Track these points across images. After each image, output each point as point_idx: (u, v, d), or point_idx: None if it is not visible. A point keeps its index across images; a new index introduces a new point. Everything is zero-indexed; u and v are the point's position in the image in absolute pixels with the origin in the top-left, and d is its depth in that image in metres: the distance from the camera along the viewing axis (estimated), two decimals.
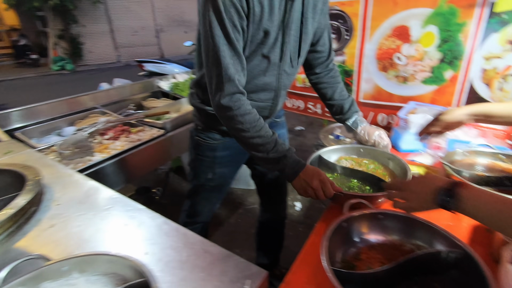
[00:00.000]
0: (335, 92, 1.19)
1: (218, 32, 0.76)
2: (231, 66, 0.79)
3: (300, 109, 2.63)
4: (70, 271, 0.53)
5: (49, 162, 1.17)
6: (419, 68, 1.83)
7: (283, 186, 1.47)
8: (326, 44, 1.12)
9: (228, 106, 0.83)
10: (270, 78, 0.97)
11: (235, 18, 0.76)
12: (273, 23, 0.83)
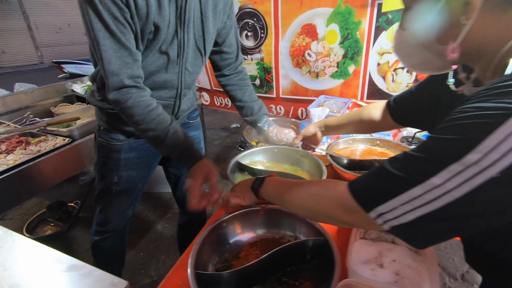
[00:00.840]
0: (244, 94, 1.19)
1: (97, 26, 0.73)
2: (115, 60, 0.77)
3: (227, 107, 2.65)
4: None
5: None
6: (327, 63, 1.96)
7: None
8: (234, 46, 1.12)
9: (116, 100, 0.82)
10: (170, 75, 0.95)
11: (114, 10, 0.73)
12: (163, 18, 0.81)
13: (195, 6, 0.88)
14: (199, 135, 1.33)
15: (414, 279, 0.62)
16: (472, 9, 0.40)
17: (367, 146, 1.13)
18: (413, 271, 0.64)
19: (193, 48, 0.94)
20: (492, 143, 0.33)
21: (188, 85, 1.04)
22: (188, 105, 1.12)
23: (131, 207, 1.25)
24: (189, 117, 1.23)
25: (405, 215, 0.40)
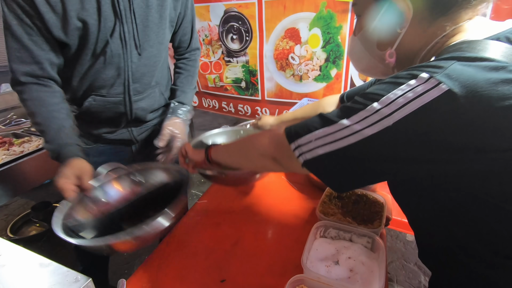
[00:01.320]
0: (178, 79, 1.16)
1: (4, 27, 0.79)
2: (14, 59, 0.82)
3: (216, 108, 2.67)
4: None
5: None
6: (310, 67, 2.01)
7: None
8: (187, 35, 1.10)
9: (17, 93, 0.86)
10: (113, 70, 0.93)
11: (19, 12, 0.77)
12: (89, 12, 0.81)
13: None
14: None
15: (365, 274, 0.66)
16: (406, 21, 0.48)
17: None
18: (366, 267, 0.68)
19: (138, 39, 0.91)
20: (392, 97, 0.40)
21: (139, 79, 0.98)
22: (149, 104, 1.05)
23: None
24: (160, 123, 1.12)
25: (317, 149, 0.46)
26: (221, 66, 2.38)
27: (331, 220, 0.75)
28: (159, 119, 1.14)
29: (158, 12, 0.92)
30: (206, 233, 0.86)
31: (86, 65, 0.90)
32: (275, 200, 1.00)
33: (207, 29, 2.30)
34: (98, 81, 0.93)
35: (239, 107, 2.49)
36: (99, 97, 0.95)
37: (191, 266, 0.74)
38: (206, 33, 2.33)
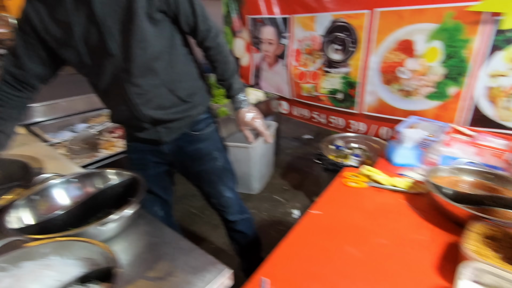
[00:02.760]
0: (215, 74, 1.12)
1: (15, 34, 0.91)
2: (5, 61, 0.93)
3: (305, 117, 2.66)
4: (49, 254, 0.59)
5: (56, 155, 1.26)
6: (423, 83, 1.82)
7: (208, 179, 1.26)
8: (190, 17, 0.96)
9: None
10: (110, 79, 0.94)
11: (23, 25, 0.88)
12: (68, 15, 0.84)
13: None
14: (208, 146, 1.19)
15: None
16: None
17: (476, 179, 1.01)
18: None
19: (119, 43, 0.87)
20: None
21: (134, 84, 0.94)
22: (158, 104, 1.01)
23: (157, 203, 1.26)
24: (192, 128, 1.14)
25: None
26: (319, 76, 2.36)
27: (489, 264, 0.64)
28: (184, 122, 1.10)
29: (125, 6, 0.84)
30: (320, 247, 0.83)
31: (85, 74, 0.98)
32: (397, 224, 0.91)
33: (310, 38, 2.31)
34: (102, 91, 1.00)
35: (331, 118, 2.42)
36: (115, 108, 1.03)
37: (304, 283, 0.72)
38: (308, 43, 2.34)
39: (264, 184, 2.58)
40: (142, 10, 0.84)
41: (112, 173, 0.90)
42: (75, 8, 0.82)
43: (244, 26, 2.83)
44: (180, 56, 1.01)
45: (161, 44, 0.93)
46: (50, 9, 0.84)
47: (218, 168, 1.22)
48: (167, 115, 1.04)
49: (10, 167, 1.06)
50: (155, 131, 1.07)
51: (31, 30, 0.87)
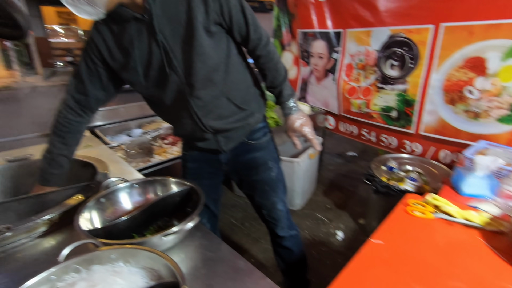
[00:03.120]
0: (265, 82, 1.13)
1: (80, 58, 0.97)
2: (69, 85, 0.99)
3: (353, 134, 2.55)
4: (117, 259, 0.61)
5: (117, 158, 1.34)
6: (495, 104, 1.64)
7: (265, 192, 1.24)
8: (243, 27, 0.98)
9: (60, 108, 1.01)
10: (173, 93, 0.97)
11: (89, 52, 0.93)
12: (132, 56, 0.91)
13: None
14: (264, 155, 1.19)
15: None
16: None
17: None
18: None
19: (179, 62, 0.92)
20: None
21: (197, 95, 0.96)
22: (218, 114, 1.03)
23: (206, 216, 1.27)
24: (249, 137, 1.16)
25: None
26: (371, 92, 2.25)
27: None
28: (243, 130, 1.11)
29: (185, 24, 0.87)
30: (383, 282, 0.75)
31: (151, 95, 1.02)
32: (474, 265, 0.80)
33: (364, 53, 2.23)
34: (167, 107, 1.01)
35: (382, 137, 2.29)
36: (178, 123, 1.06)
37: None
38: (361, 58, 2.26)
39: (306, 201, 2.50)
40: (201, 25, 0.87)
41: (173, 181, 0.92)
42: (138, 33, 0.87)
43: (294, 40, 2.83)
44: (235, 65, 1.03)
45: (219, 55, 0.96)
46: (114, 35, 0.89)
47: (272, 179, 1.21)
48: (227, 124, 1.06)
49: (80, 168, 1.14)
50: (215, 140, 1.09)
51: (97, 55, 0.93)
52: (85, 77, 0.96)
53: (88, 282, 0.54)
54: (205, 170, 1.20)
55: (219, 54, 0.96)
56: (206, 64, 0.93)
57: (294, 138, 1.15)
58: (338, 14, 2.35)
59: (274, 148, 1.24)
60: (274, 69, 1.07)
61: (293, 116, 1.11)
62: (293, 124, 1.11)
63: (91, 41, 0.92)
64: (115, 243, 0.63)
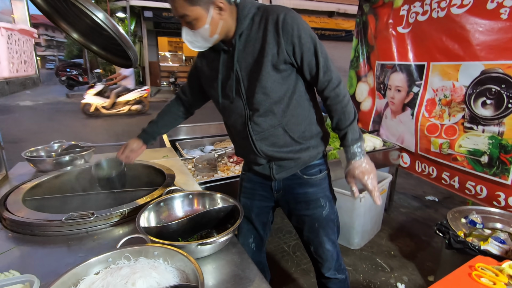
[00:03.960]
0: (332, 123, 1.12)
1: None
2: (182, 86, 1.32)
3: (431, 176, 2.27)
4: (158, 256, 0.71)
5: (185, 170, 1.53)
6: None
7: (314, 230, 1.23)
8: (314, 69, 1.03)
9: (175, 96, 1.36)
10: (237, 116, 1.10)
11: (193, 69, 1.23)
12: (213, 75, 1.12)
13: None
14: (317, 192, 1.18)
15: None
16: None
17: None
18: None
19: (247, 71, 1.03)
20: None
21: (255, 121, 1.06)
22: (272, 141, 1.08)
23: (251, 236, 1.31)
24: (304, 172, 1.16)
25: None
26: (456, 131, 1.99)
27: None
28: (296, 163, 1.14)
29: (257, 60, 1.00)
30: None
31: (221, 112, 1.16)
32: None
33: (450, 89, 2.01)
34: (230, 126, 1.15)
35: (468, 184, 1.97)
36: (238, 142, 1.17)
37: None
38: (446, 93, 2.04)
39: (366, 241, 2.30)
40: (270, 63, 0.98)
41: (219, 197, 1.01)
42: (224, 61, 1.06)
43: (371, 71, 2.75)
44: (300, 101, 1.08)
45: (283, 90, 1.03)
46: (209, 61, 1.11)
47: (322, 217, 1.19)
48: (279, 153, 1.10)
49: (153, 173, 1.36)
50: (268, 167, 1.15)
51: (194, 72, 1.21)
52: (189, 85, 1.28)
53: (131, 269, 0.65)
54: (258, 192, 1.25)
55: (284, 89, 1.03)
56: (269, 96, 1.02)
57: (353, 185, 1.10)
58: (422, 47, 2.20)
59: (328, 187, 1.22)
60: (341, 112, 1.07)
61: (356, 162, 1.07)
62: (355, 171, 1.07)
63: (196, 60, 1.19)
64: (161, 242, 0.74)
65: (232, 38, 1.01)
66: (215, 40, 1.00)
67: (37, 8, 1.26)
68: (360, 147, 1.08)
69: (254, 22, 1.00)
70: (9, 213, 0.93)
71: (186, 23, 0.95)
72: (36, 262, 0.79)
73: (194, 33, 0.97)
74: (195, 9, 0.91)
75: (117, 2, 10.76)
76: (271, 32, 0.97)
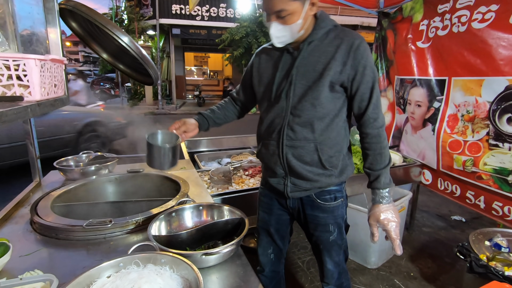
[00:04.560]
0: (366, 160, 1.12)
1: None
2: (237, 86, 1.37)
3: (455, 195, 2.17)
4: (165, 264, 0.76)
5: (200, 182, 1.59)
6: None
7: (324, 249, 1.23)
8: (365, 102, 1.06)
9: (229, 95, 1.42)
10: (276, 118, 1.11)
11: (248, 69, 1.26)
12: (267, 79, 1.17)
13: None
14: (327, 218, 1.17)
15: None
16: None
17: None
18: None
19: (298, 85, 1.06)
20: None
21: (292, 127, 1.07)
22: (300, 153, 1.08)
23: (270, 247, 1.33)
24: (318, 195, 1.15)
25: None
26: (481, 148, 1.91)
27: None
28: (312, 185, 1.12)
29: (318, 71, 1.03)
30: None
31: (263, 114, 1.17)
32: None
33: (472, 104, 1.95)
34: (267, 127, 1.14)
35: (495, 205, 1.87)
36: (265, 141, 1.16)
37: None
38: (468, 109, 1.97)
39: (384, 261, 2.22)
40: (329, 78, 1.02)
41: (227, 209, 1.06)
42: (285, 61, 1.10)
43: (390, 86, 2.71)
44: (339, 127, 1.10)
45: (329, 109, 1.06)
46: (270, 59, 1.16)
47: (328, 241, 1.19)
48: (301, 168, 1.10)
49: (169, 184, 1.43)
50: (283, 183, 1.15)
51: (249, 70, 1.25)
52: (242, 84, 1.32)
53: (138, 275, 0.70)
54: (276, 207, 1.27)
55: (330, 108, 1.06)
56: (315, 108, 1.05)
57: (374, 228, 1.09)
58: (442, 61, 2.16)
59: (341, 214, 1.20)
60: (379, 153, 1.07)
61: (383, 207, 1.05)
62: (380, 215, 1.05)
63: (252, 59, 1.24)
64: (168, 250, 0.79)
65: (301, 43, 1.06)
66: (299, 37, 1.03)
67: (72, 32, 1.42)
68: (389, 192, 1.08)
69: (328, 36, 1.05)
70: (38, 217, 1.02)
71: (278, 18, 0.98)
72: (58, 263, 0.86)
73: (284, 27, 0.99)
74: (294, 4, 0.95)
75: (148, 21, 11.47)
76: (342, 51, 1.01)
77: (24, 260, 0.85)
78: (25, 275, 0.74)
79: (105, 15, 11.39)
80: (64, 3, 1.12)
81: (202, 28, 12.05)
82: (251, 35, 10.72)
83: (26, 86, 0.68)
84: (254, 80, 1.20)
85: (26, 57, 0.68)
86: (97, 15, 1.13)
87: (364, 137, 1.09)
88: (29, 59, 0.67)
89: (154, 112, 10.51)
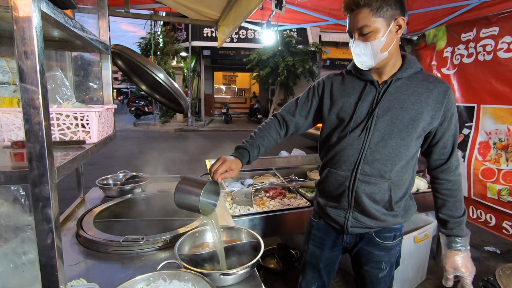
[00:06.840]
0: (444, 207, 1.10)
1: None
2: (285, 106, 1.26)
3: (489, 225, 2.07)
4: (188, 281, 0.85)
5: (222, 204, 1.69)
6: None
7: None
8: (448, 148, 1.06)
9: (272, 117, 1.28)
10: (353, 151, 1.06)
11: (315, 88, 1.19)
12: (345, 112, 1.09)
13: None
14: (382, 256, 1.16)
15: None
16: None
17: None
18: None
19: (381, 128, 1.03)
20: None
21: (370, 162, 1.04)
22: (372, 190, 1.05)
23: (315, 283, 1.31)
24: (377, 233, 1.14)
25: None
26: None
27: None
28: (374, 223, 1.10)
29: (411, 116, 1.00)
30: None
31: (333, 141, 1.11)
32: None
33: (504, 133, 1.90)
34: (337, 157, 1.10)
35: None
36: (333, 169, 1.12)
37: None
38: (501, 137, 1.92)
39: None
40: (421, 125, 1.00)
41: (246, 232, 1.14)
42: (366, 94, 1.06)
43: None
44: (411, 168, 1.09)
45: (412, 151, 1.05)
46: (344, 84, 1.10)
47: (376, 277, 1.19)
48: (369, 206, 1.07)
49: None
50: (344, 216, 1.12)
51: (319, 91, 1.17)
52: (299, 103, 1.20)
53: None
54: (329, 241, 1.23)
55: (409, 154, 1.04)
56: (400, 149, 1.02)
57: (451, 275, 1.10)
58: (469, 88, 2.13)
59: (397, 253, 1.21)
60: (459, 200, 1.07)
61: (462, 255, 1.07)
62: (458, 263, 1.07)
63: (321, 82, 1.18)
64: (191, 268, 0.89)
65: (390, 78, 1.03)
66: (382, 59, 0.98)
67: (118, 68, 1.64)
68: (468, 240, 1.09)
69: (417, 78, 1.03)
70: (83, 231, 1.18)
71: (361, 35, 0.96)
72: (98, 273, 0.99)
73: (366, 45, 0.96)
74: (378, 21, 0.92)
75: (182, 43, 12.25)
76: (435, 97, 1.00)
77: (72, 269, 0.99)
78: (73, 283, 0.87)
79: (142, 38, 12.40)
80: (113, 47, 1.32)
81: (231, 49, 12.64)
82: (278, 55, 11.04)
83: (87, 131, 0.86)
84: (325, 105, 1.14)
85: (89, 110, 0.86)
86: (139, 57, 1.32)
87: (443, 183, 1.08)
88: (91, 111, 0.86)
89: (183, 128, 11.01)
